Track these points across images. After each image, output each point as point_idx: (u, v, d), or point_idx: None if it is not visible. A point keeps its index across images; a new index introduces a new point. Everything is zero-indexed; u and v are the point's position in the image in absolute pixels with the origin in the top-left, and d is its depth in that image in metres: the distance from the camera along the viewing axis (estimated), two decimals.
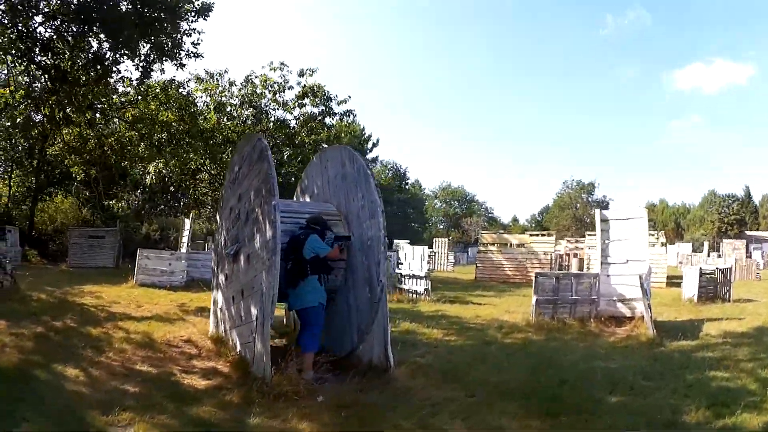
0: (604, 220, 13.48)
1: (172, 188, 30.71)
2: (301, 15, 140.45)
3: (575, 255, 28.67)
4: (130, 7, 13.39)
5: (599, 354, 9.61)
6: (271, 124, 26.94)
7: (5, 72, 16.70)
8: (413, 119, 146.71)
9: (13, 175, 34.87)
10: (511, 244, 28.97)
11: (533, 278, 12.94)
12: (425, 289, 17.40)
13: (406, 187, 73.28)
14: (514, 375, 7.98)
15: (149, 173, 25.21)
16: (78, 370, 7.81)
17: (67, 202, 35.60)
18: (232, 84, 27.01)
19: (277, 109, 27.26)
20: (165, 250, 21.59)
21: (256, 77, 26.90)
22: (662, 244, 29.70)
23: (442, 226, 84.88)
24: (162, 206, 34.79)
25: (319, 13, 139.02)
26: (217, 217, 12.00)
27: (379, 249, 8.04)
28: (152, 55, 14.85)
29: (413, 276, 18.02)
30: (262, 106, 27.02)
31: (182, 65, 15.70)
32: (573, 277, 13.19)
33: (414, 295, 17.52)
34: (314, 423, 6.00)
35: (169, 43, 14.66)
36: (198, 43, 15.54)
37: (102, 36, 14.12)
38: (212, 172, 26.30)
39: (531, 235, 30.84)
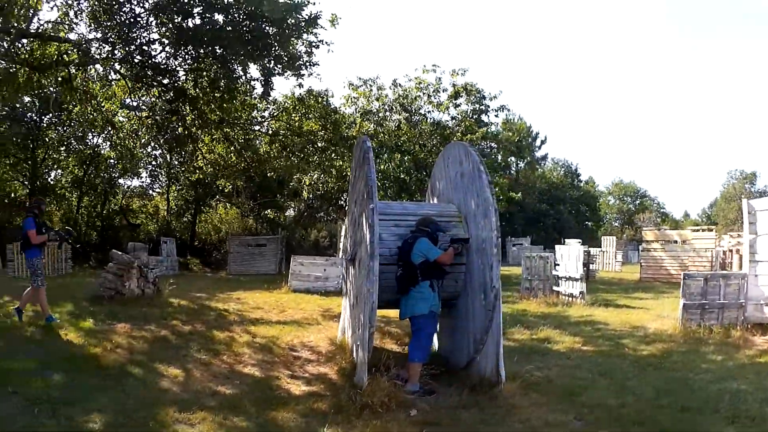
0: (752, 212, 12.11)
1: (332, 195, 31.93)
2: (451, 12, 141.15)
3: (737, 251, 26.41)
4: (234, 26, 14.12)
5: (734, 372, 8.83)
6: (425, 126, 27.32)
7: (130, 98, 18.32)
8: (584, 114, 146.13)
9: (171, 190, 38.08)
10: (674, 241, 27.65)
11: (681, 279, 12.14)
12: (580, 292, 16.93)
13: (579, 184, 72.01)
14: (635, 396, 7.49)
15: (304, 183, 26.47)
16: (180, 370, 8.21)
17: (231, 212, 38.35)
18: (381, 88, 27.80)
19: (432, 111, 27.70)
20: (333, 257, 22.50)
21: (409, 80, 27.52)
22: None
23: (617, 224, 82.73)
24: (321, 213, 36.29)
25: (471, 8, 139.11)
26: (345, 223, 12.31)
27: (492, 251, 7.77)
28: (270, 70, 15.57)
29: (569, 278, 17.61)
30: (417, 109, 27.54)
31: (300, 75, 16.21)
32: (721, 278, 12.13)
33: (569, 298, 17.18)
34: None
35: (284, 57, 15.31)
36: (310, 53, 16.09)
37: (215, 60, 15.01)
38: None
39: (692, 230, 29.48)
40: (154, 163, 35.17)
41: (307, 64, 16.05)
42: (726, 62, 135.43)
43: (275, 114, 22.09)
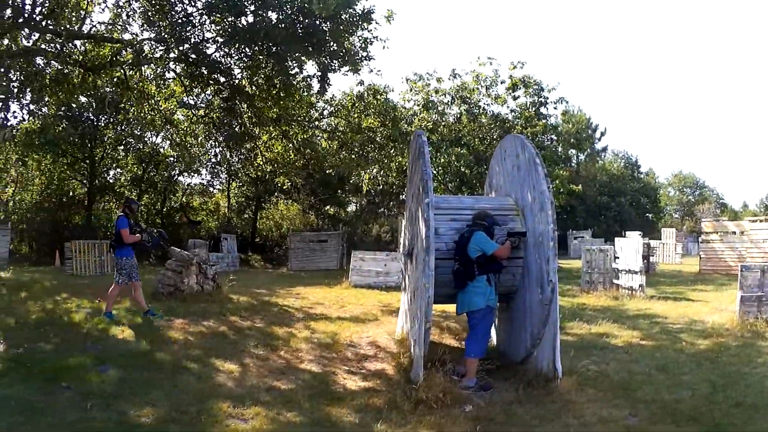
0: None
1: (393, 190, 32.01)
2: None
3: None
4: (287, 23, 14.16)
5: None
6: (485, 119, 27.23)
7: (186, 96, 18.65)
8: (643, 105, 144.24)
9: (231, 187, 38.66)
10: (732, 232, 27.01)
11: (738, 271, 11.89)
12: (640, 285, 16.80)
13: (640, 176, 70.96)
14: (690, 391, 7.42)
15: (363, 179, 26.58)
16: (236, 365, 8.32)
17: (293, 209, 38.81)
18: (440, 80, 27.61)
19: (491, 104, 27.55)
20: (394, 251, 22.56)
21: (466, 73, 27.43)
22: None
23: (677, 215, 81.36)
24: (382, 208, 36.45)
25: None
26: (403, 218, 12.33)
27: (548, 245, 7.72)
28: (326, 66, 15.66)
29: (628, 271, 17.43)
30: (476, 101, 27.41)
31: (357, 70, 16.22)
32: None
33: (629, 291, 17.01)
34: None
35: (339, 53, 15.36)
36: (362, 51, 16.12)
37: (269, 58, 15.10)
38: None
39: (750, 221, 28.64)
40: (213, 160, 35.79)
41: (364, 58, 16.08)
42: None
43: (334, 111, 22.23)
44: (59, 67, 15.74)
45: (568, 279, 20.71)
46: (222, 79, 16.37)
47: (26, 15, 14.09)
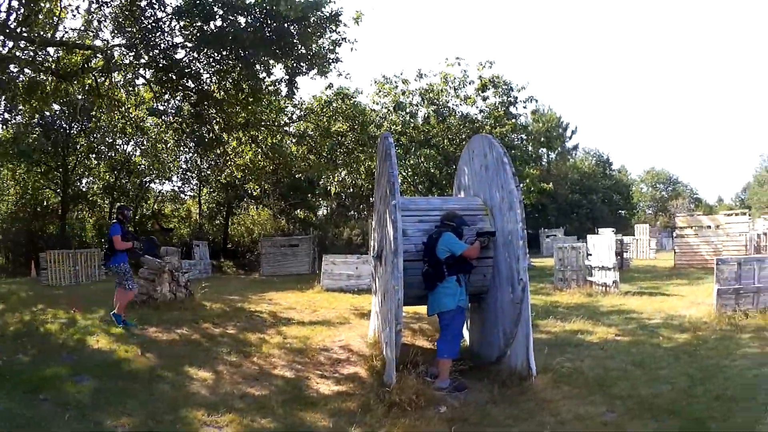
0: None
1: (362, 192, 32.07)
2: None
3: None
4: (255, 27, 14.13)
5: None
6: (454, 120, 27.22)
7: (156, 102, 18.59)
8: (613, 103, 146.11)
9: (202, 193, 38.48)
10: (707, 226, 27.32)
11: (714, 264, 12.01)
12: (614, 281, 16.87)
13: (611, 173, 71.83)
14: (669, 386, 7.43)
15: (332, 182, 26.61)
16: (209, 373, 8.30)
17: (264, 214, 38.70)
18: (405, 82, 27.67)
19: (460, 104, 27.58)
20: (365, 254, 22.58)
21: (435, 75, 27.48)
22: None
23: (650, 211, 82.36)
24: (352, 211, 36.53)
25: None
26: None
27: (518, 244, 7.71)
28: (293, 69, 15.69)
29: (602, 267, 17.49)
30: (444, 102, 27.44)
31: (325, 73, 16.15)
32: (755, 262, 11.97)
33: (603, 288, 17.10)
34: None
35: (307, 55, 15.38)
36: (330, 53, 16.15)
37: (237, 62, 15.06)
38: None
39: (725, 215, 28.82)
40: (184, 166, 35.62)
41: (332, 61, 16.10)
42: (757, 45, 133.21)
43: (303, 115, 22.22)
44: (32, 75, 15.59)
45: (541, 277, 20.83)
46: (191, 85, 16.30)
47: (0, 22, 13.96)
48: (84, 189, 34.10)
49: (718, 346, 9.55)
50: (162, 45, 15.13)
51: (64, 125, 30.24)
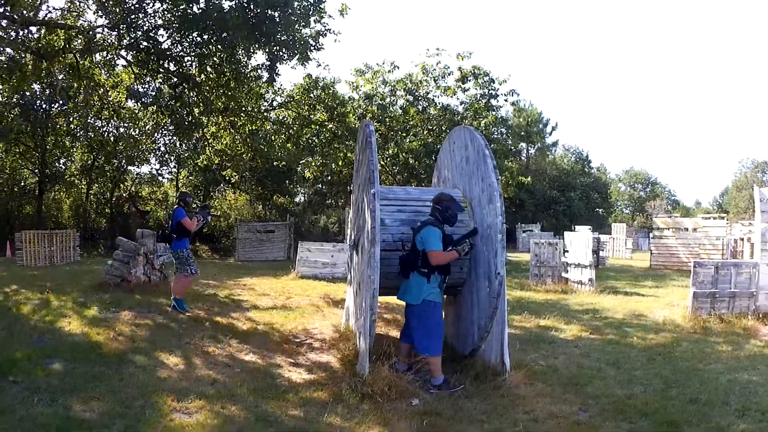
0: (763, 200, 11.99)
1: (341, 180, 31.93)
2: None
3: (749, 240, 26.24)
4: (239, 11, 13.91)
5: (744, 363, 8.69)
6: (434, 110, 27.00)
7: (137, 84, 18.33)
8: (596, 101, 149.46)
9: (180, 176, 38.10)
10: (685, 229, 27.64)
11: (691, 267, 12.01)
12: (589, 279, 16.91)
13: (590, 171, 72.05)
14: (642, 387, 7.36)
15: (310, 167, 26.40)
16: (180, 358, 8.15)
17: (241, 199, 38.38)
18: (383, 72, 27.15)
19: (440, 95, 27.29)
20: (341, 242, 22.43)
21: (416, 65, 27.09)
22: None
23: (627, 211, 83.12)
24: (330, 200, 36.36)
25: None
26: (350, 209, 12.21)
27: (497, 237, 7.56)
28: (275, 56, 15.51)
29: (578, 265, 17.53)
30: (424, 93, 27.17)
31: (305, 61, 16.07)
32: (732, 267, 11.98)
33: (578, 285, 17.12)
34: (386, 428, 5.81)
35: (289, 43, 15.21)
36: (313, 42, 16.01)
37: (219, 46, 14.90)
38: None
39: (703, 218, 29.40)
40: (162, 149, 35.22)
41: (312, 48, 15.94)
42: (740, 49, 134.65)
43: (283, 103, 22.01)
44: (12, 54, 15.25)
45: (517, 272, 20.83)
46: (172, 67, 16.07)
47: None
48: (62, 170, 33.54)
49: (693, 349, 9.56)
50: (145, 27, 14.86)
51: (44, 105, 29.74)
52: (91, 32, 14.75)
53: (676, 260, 26.55)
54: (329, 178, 28.33)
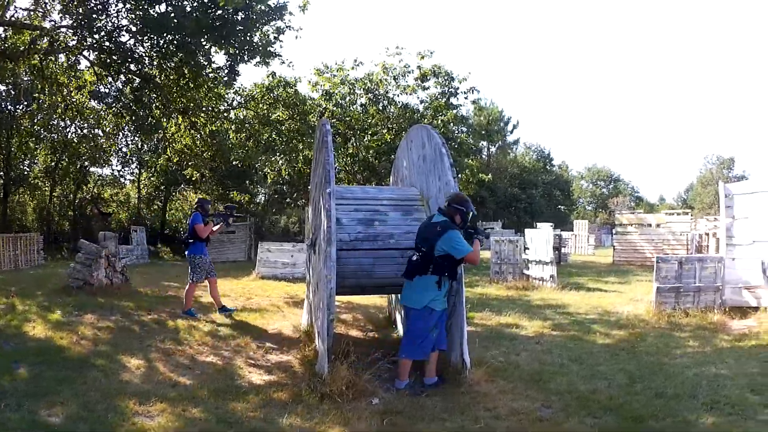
0: (728, 196, 12.18)
1: (301, 179, 31.88)
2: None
3: (714, 235, 26.85)
4: (199, 13, 13.86)
5: (711, 356, 8.69)
6: (394, 109, 26.93)
7: (98, 85, 18.18)
8: (557, 99, 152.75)
9: (142, 177, 37.69)
10: (648, 225, 27.83)
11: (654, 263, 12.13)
12: (551, 276, 16.96)
13: (552, 168, 72.42)
14: (606, 382, 7.32)
15: (268, 170, 26.31)
16: (142, 360, 8.09)
17: None
18: (343, 70, 27.02)
19: (400, 94, 27.22)
20: (301, 242, 22.39)
21: (376, 64, 27.02)
22: None
23: (590, 208, 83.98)
24: (289, 199, 36.24)
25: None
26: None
27: None
28: (235, 57, 15.53)
29: (539, 262, 17.60)
30: (384, 92, 27.07)
31: (267, 62, 16.18)
32: (696, 262, 12.11)
33: (539, 282, 17.17)
34: (346, 428, 5.83)
35: (250, 44, 15.24)
36: (273, 42, 15.98)
37: (179, 47, 14.80)
38: None
39: (667, 214, 29.53)
40: (124, 150, 34.80)
41: (273, 54, 15.94)
42: (703, 46, 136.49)
43: (243, 102, 21.95)
44: None
45: (478, 270, 20.83)
46: (133, 68, 15.96)
47: None
48: (27, 172, 33.00)
49: (658, 343, 9.58)
50: (107, 27, 14.75)
51: (9, 107, 29.18)
52: (53, 33, 14.59)
53: (639, 256, 26.74)
54: (289, 177, 28.21)
